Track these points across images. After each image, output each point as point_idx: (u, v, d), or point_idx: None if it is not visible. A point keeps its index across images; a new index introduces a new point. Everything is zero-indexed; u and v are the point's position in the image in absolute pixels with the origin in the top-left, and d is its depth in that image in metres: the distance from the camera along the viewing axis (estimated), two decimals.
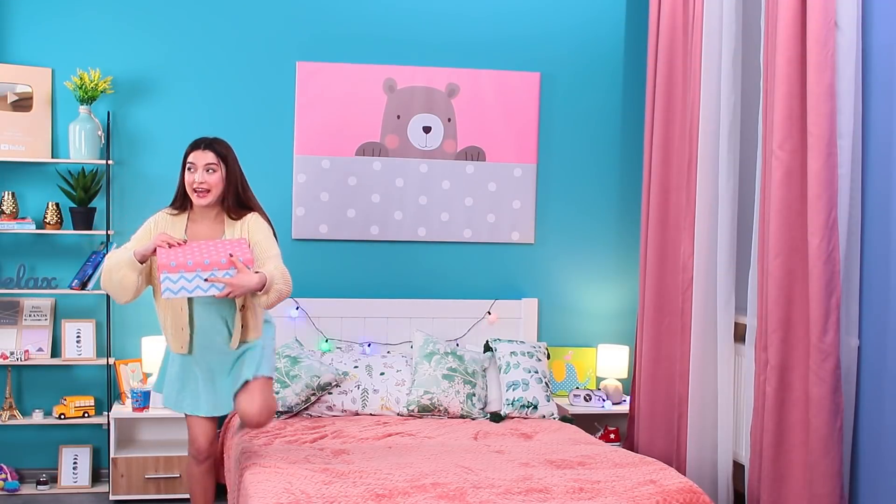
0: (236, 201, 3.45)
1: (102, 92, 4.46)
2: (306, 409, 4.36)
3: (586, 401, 4.79)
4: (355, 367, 4.50)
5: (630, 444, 4.67)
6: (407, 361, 4.59)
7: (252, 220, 3.45)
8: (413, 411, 4.41)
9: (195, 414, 3.54)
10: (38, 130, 4.53)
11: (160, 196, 4.61)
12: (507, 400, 4.48)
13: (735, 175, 4.04)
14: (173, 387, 3.56)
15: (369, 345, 4.77)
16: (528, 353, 4.62)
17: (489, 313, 4.90)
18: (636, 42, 5.03)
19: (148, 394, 4.45)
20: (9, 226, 4.41)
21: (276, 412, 4.08)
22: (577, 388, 4.89)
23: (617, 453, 3.79)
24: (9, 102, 4.48)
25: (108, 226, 4.50)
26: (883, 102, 3.36)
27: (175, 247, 3.25)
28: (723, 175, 4.03)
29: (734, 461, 4.13)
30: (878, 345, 3.39)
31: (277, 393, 4.23)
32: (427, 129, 4.86)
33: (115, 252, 3.41)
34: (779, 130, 3.53)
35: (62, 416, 4.48)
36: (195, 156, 3.40)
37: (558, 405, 4.72)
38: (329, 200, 4.80)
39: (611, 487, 3.32)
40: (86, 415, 4.52)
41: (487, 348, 4.69)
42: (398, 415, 4.42)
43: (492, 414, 4.45)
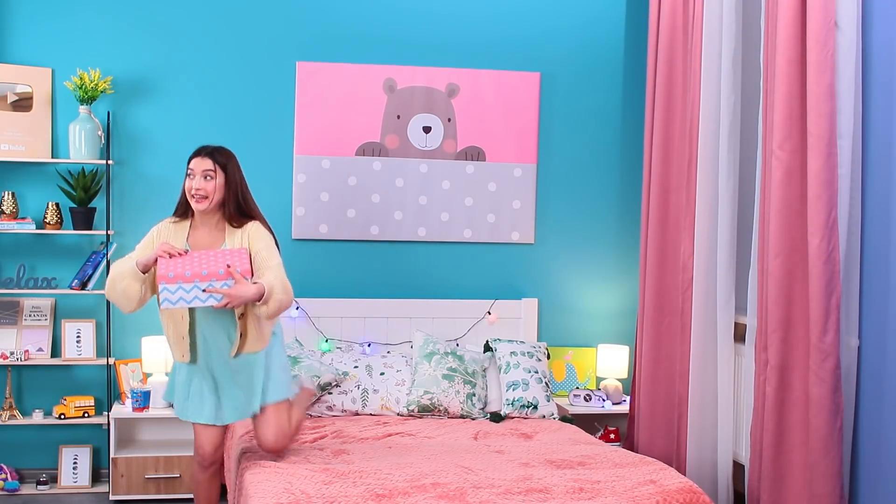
0: (236, 209, 3.46)
1: (102, 92, 4.46)
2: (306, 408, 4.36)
3: (586, 401, 4.79)
4: (355, 367, 4.50)
5: (630, 444, 4.67)
6: (407, 361, 4.59)
7: (253, 229, 3.45)
8: (413, 411, 4.41)
9: (197, 421, 3.56)
10: (38, 130, 4.53)
11: (160, 196, 4.64)
12: (507, 400, 4.48)
13: (735, 175, 4.04)
14: (180, 395, 3.59)
15: (369, 345, 4.77)
16: (528, 353, 4.62)
17: (489, 313, 4.90)
18: (636, 42, 5.03)
19: (148, 394, 4.45)
20: (9, 226, 4.41)
21: None
22: (577, 388, 4.89)
23: (617, 453, 3.79)
24: (9, 102, 4.48)
25: (108, 226, 4.50)
26: (883, 102, 3.36)
27: (176, 257, 3.25)
28: (723, 175, 4.03)
29: (734, 461, 4.13)
30: (878, 345, 3.39)
31: None
32: (427, 129, 4.86)
33: (118, 262, 3.42)
34: (779, 130, 3.53)
35: (62, 416, 4.48)
36: (195, 162, 3.43)
37: (558, 405, 4.72)
38: (329, 200, 4.80)
39: (611, 487, 3.32)
40: (86, 415, 4.53)
41: (487, 348, 4.68)
42: (398, 415, 4.42)
43: (492, 414, 4.45)
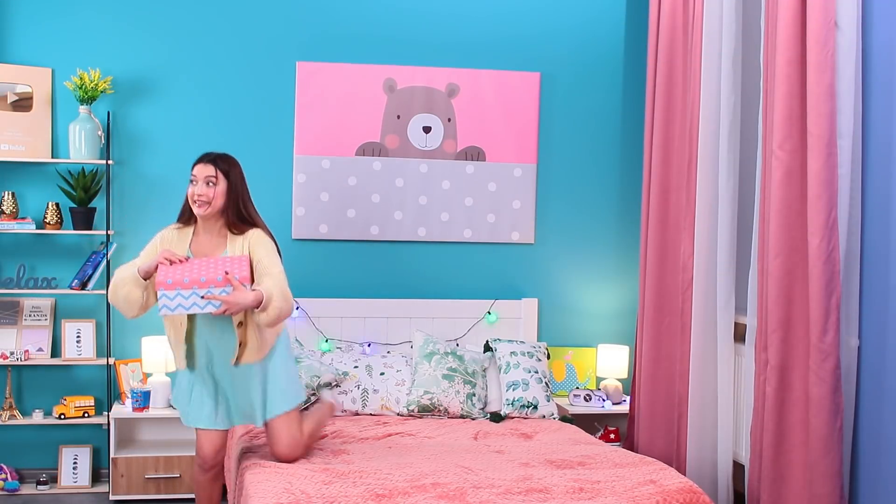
0: (237, 216, 3.47)
1: (102, 92, 4.46)
2: (306, 409, 4.35)
3: (586, 401, 4.79)
4: (355, 367, 4.50)
5: (630, 444, 4.67)
6: (407, 361, 4.59)
7: (254, 236, 3.46)
8: (413, 411, 4.41)
9: (196, 426, 3.57)
10: (38, 130, 4.53)
11: (160, 196, 4.64)
12: (507, 400, 4.48)
13: (735, 175, 4.04)
14: (183, 399, 3.61)
15: (369, 345, 4.77)
16: (528, 353, 4.61)
17: (489, 313, 4.89)
18: (636, 42, 5.03)
19: (148, 394, 4.45)
20: (9, 226, 4.41)
21: None
22: (577, 388, 4.89)
23: (617, 453, 3.79)
24: (9, 102, 4.48)
25: (108, 226, 4.50)
26: (883, 102, 3.36)
27: (176, 264, 3.26)
28: (723, 175, 4.03)
29: (734, 461, 4.13)
30: (878, 345, 3.38)
31: None
32: (427, 129, 4.86)
33: (121, 268, 3.44)
34: (779, 130, 3.52)
35: (62, 416, 4.48)
36: (198, 168, 3.45)
37: (558, 405, 4.72)
38: (329, 200, 4.80)
39: (611, 487, 3.32)
40: (86, 415, 4.52)
41: (487, 348, 4.68)
42: (398, 415, 4.42)
43: (492, 414, 4.44)
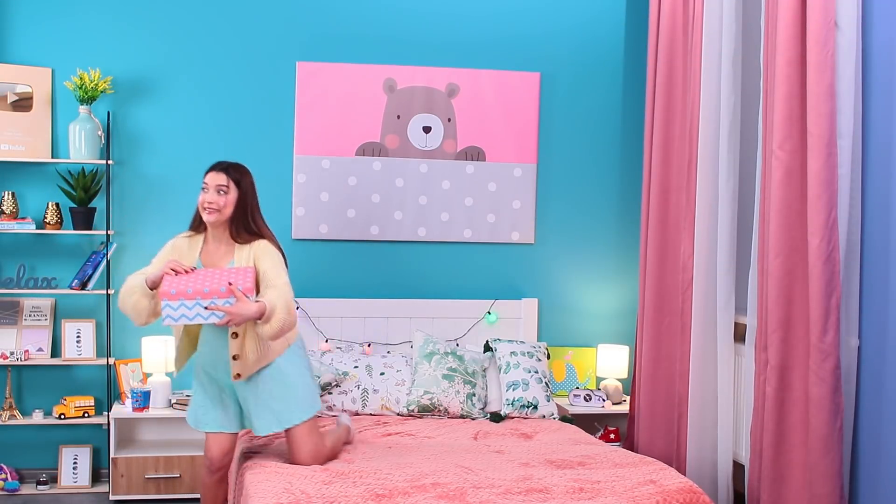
0: (243, 226, 3.47)
1: (102, 92, 4.46)
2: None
3: (586, 401, 4.79)
4: (355, 367, 4.50)
5: (630, 444, 4.67)
6: (407, 361, 4.58)
7: (260, 247, 3.46)
8: (413, 411, 4.41)
9: (202, 429, 3.60)
10: (38, 130, 4.53)
11: (160, 196, 4.64)
12: (507, 400, 4.48)
13: (735, 175, 4.04)
14: (193, 401, 3.64)
15: (369, 345, 4.77)
16: (528, 353, 4.61)
17: (489, 313, 4.89)
18: (636, 42, 5.03)
19: (148, 394, 4.45)
20: (9, 226, 4.41)
21: None
22: (577, 388, 4.89)
23: (617, 453, 3.79)
24: (9, 102, 4.48)
25: (108, 226, 4.50)
26: (883, 102, 3.36)
27: (182, 274, 3.28)
28: (723, 175, 4.03)
29: (734, 461, 4.13)
30: (878, 345, 3.38)
31: None
32: (427, 129, 4.86)
33: (131, 276, 3.46)
34: (779, 130, 3.52)
35: (62, 416, 4.48)
36: (210, 177, 3.46)
37: (558, 405, 4.72)
38: (329, 200, 4.80)
39: (611, 487, 3.32)
40: (86, 415, 4.52)
41: (487, 348, 4.69)
42: (398, 415, 4.42)
43: (492, 414, 4.44)
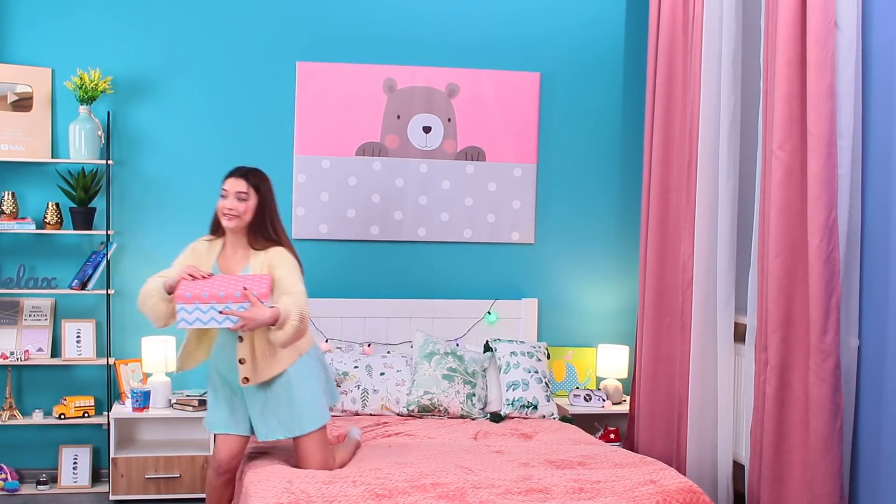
0: (261, 232, 3.49)
1: (102, 92, 4.46)
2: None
3: (586, 401, 4.79)
4: (355, 367, 4.50)
5: (630, 444, 4.67)
6: (407, 361, 4.58)
7: (277, 254, 3.47)
8: (413, 411, 4.41)
9: (210, 429, 3.62)
10: (38, 130, 4.53)
11: (160, 196, 4.64)
12: (507, 400, 4.48)
13: (735, 175, 4.04)
14: (207, 403, 3.67)
15: (369, 345, 4.77)
16: (528, 353, 4.61)
17: (489, 313, 4.89)
18: (636, 42, 5.03)
19: (148, 394, 4.45)
20: (9, 226, 4.41)
21: None
22: (577, 388, 4.89)
23: (617, 453, 3.79)
24: (9, 102, 4.48)
25: (108, 226, 4.50)
26: (883, 102, 3.36)
27: (199, 279, 3.30)
28: (723, 175, 4.03)
29: (734, 461, 4.13)
30: (878, 345, 3.38)
31: None
32: (427, 129, 4.86)
33: (150, 279, 3.48)
34: (779, 130, 3.52)
35: (62, 416, 4.48)
36: (229, 183, 3.47)
37: (558, 405, 4.72)
38: (329, 200, 4.80)
39: (611, 487, 3.32)
40: (86, 415, 4.52)
41: (487, 348, 4.68)
42: (398, 415, 4.42)
43: (492, 414, 4.44)
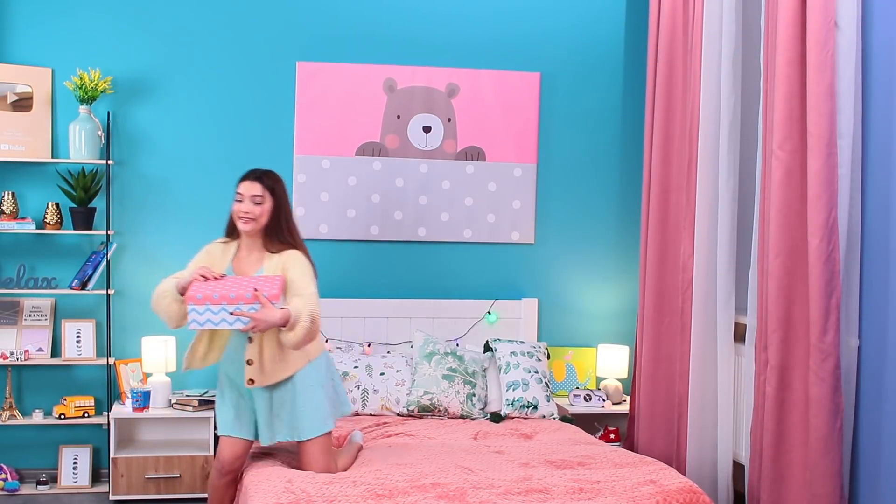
0: (276, 234, 3.50)
1: (102, 92, 4.46)
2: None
3: (586, 401, 4.79)
4: (355, 367, 4.50)
5: (630, 444, 4.67)
6: (407, 361, 4.58)
7: (290, 257, 3.48)
8: (413, 411, 4.41)
9: (218, 431, 3.62)
10: (38, 130, 4.53)
11: (160, 196, 4.64)
12: (507, 400, 4.48)
13: (735, 175, 4.04)
14: (215, 404, 3.68)
15: (369, 345, 4.77)
16: (528, 353, 4.61)
17: (489, 313, 4.89)
18: (636, 42, 5.03)
19: (148, 394, 4.45)
20: (9, 226, 4.41)
21: None
22: (577, 388, 4.89)
23: (617, 453, 3.79)
24: (9, 102, 4.48)
25: (108, 226, 4.50)
26: (883, 102, 3.36)
27: (210, 280, 3.31)
28: (723, 175, 4.03)
29: (734, 461, 4.13)
30: (878, 345, 3.38)
31: None
32: (427, 129, 4.86)
33: (164, 280, 3.49)
34: (779, 130, 3.52)
35: (62, 416, 4.48)
36: (244, 187, 3.49)
37: (558, 405, 4.72)
38: (329, 200, 4.80)
39: (611, 487, 3.32)
40: (86, 415, 4.52)
41: (487, 348, 4.68)
42: (398, 415, 4.42)
43: (492, 414, 4.44)
